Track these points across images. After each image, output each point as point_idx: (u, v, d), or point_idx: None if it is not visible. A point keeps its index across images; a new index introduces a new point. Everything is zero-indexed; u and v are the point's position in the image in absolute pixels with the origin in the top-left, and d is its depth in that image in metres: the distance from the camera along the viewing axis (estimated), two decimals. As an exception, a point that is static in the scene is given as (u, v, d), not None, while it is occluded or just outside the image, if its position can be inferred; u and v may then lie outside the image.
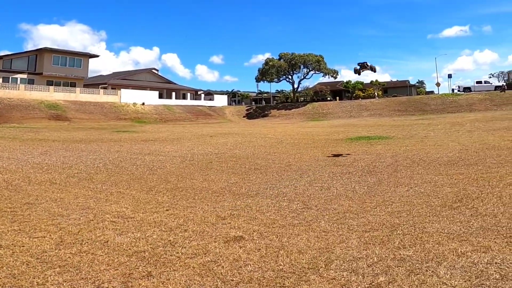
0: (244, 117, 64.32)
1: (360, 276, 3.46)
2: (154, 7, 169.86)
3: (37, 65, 51.21)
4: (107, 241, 4.50)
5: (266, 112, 64.88)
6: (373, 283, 3.32)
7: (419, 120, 33.44)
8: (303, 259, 3.88)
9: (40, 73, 50.68)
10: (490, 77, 73.44)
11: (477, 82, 60.35)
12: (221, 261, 3.87)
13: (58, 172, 9.39)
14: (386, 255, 3.95)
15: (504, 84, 58.40)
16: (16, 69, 49.53)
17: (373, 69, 13.20)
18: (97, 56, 61.10)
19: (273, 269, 3.66)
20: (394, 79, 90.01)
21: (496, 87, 57.38)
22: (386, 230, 4.76)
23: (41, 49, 52.04)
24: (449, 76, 76.41)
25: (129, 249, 4.25)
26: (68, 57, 53.99)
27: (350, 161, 10.93)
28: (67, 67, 53.20)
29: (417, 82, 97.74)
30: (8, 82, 47.05)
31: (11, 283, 3.42)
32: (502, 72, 79.22)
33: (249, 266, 3.74)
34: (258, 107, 71.13)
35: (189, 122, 50.97)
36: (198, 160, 11.76)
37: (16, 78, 48.58)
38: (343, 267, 3.68)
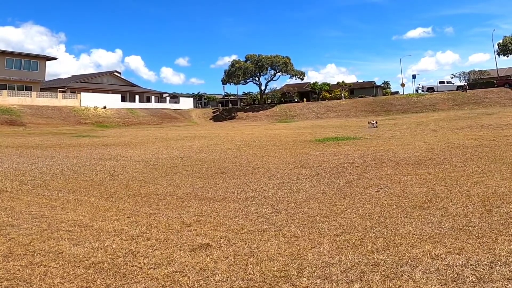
0: (210, 119, 63.84)
1: (334, 284, 3.27)
2: (116, 8, 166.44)
3: (-12, 68, 48.75)
4: (62, 252, 4.17)
5: (233, 115, 64.61)
6: (348, 291, 3.12)
7: (385, 120, 34.08)
8: (274, 267, 3.65)
9: (-8, 77, 48.25)
10: (452, 77, 75.93)
11: (440, 82, 62.32)
12: (187, 271, 3.60)
13: (9, 180, 8.78)
14: (360, 259, 3.77)
15: (466, 84, 60.49)
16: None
17: None
18: (55, 58, 59.03)
19: (242, 278, 3.41)
20: (360, 80, 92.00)
21: (458, 87, 59.42)
22: (358, 233, 4.60)
23: (-7, 51, 49.62)
24: (413, 76, 78.61)
25: (86, 260, 3.94)
26: (23, 59, 51.83)
27: (319, 163, 10.83)
28: (22, 70, 51.01)
29: (383, 83, 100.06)
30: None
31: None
32: (463, 72, 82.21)
33: (217, 275, 3.48)
34: (224, 109, 70.76)
35: (153, 125, 49.99)
36: (163, 164, 11.36)
37: (-36, 82, 46.01)
38: (316, 274, 3.47)
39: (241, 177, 9.01)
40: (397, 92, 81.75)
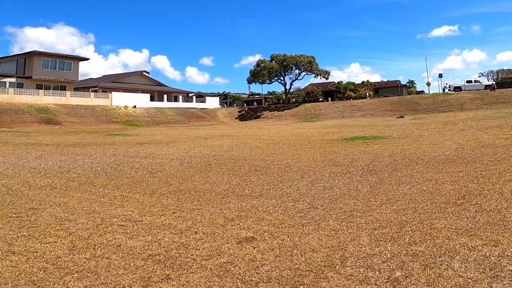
0: (236, 118, 64.29)
1: (377, 272, 3.52)
2: (142, 9, 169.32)
3: (26, 68, 50.66)
4: (120, 245, 4.48)
5: (259, 114, 64.90)
6: (391, 278, 3.38)
7: (412, 120, 33.75)
8: (317, 257, 3.91)
9: (29, 77, 50.12)
10: (480, 76, 74.00)
11: (468, 81, 60.82)
12: (237, 262, 3.88)
13: (57, 177, 9.31)
14: (399, 251, 4.00)
15: (494, 83, 58.95)
16: (5, 73, 48.98)
17: None
18: (87, 59, 60.64)
19: (289, 268, 3.68)
20: (385, 80, 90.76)
21: (486, 86, 57.90)
22: (395, 227, 4.82)
23: (30, 52, 51.50)
24: (440, 75, 76.69)
25: (143, 252, 4.23)
26: (58, 60, 53.54)
27: (349, 161, 11.01)
28: (57, 70, 52.68)
29: (408, 82, 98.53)
30: (-3, 86, 46.50)
31: (32, 291, 3.37)
32: (491, 71, 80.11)
33: (265, 266, 3.76)
34: (250, 108, 71.13)
35: (181, 124, 50.84)
36: (197, 162, 11.75)
37: (5, 82, 47.91)
38: (358, 263, 3.72)
39: (274, 174, 9.28)
40: (422, 92, 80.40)
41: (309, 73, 70.49)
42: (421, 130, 21.28)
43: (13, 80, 48.94)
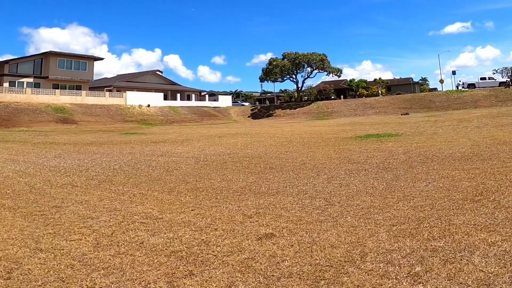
0: (249, 117, 64.45)
1: (397, 267, 3.57)
2: (154, 8, 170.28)
3: (43, 68, 51.57)
4: (142, 242, 4.57)
5: (271, 112, 64.94)
6: (411, 273, 3.43)
7: (425, 117, 33.48)
8: (337, 253, 3.98)
9: (46, 77, 51.07)
10: (494, 73, 72.86)
11: (481, 78, 60.00)
12: (258, 258, 3.96)
13: (76, 175, 9.51)
14: (418, 246, 4.05)
15: (509, 80, 57.90)
16: (22, 73, 49.91)
17: None
18: (102, 58, 61.28)
19: (310, 263, 3.75)
20: (397, 77, 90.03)
21: (501, 83, 57.02)
22: (413, 223, 4.86)
23: (46, 52, 52.41)
24: (453, 72, 75.60)
25: (165, 249, 4.32)
26: (73, 60, 54.37)
27: (364, 158, 11.02)
28: (73, 70, 53.54)
29: (421, 79, 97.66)
30: (15, 86, 47.49)
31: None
32: (505, 68, 78.82)
33: (286, 261, 3.83)
34: (262, 107, 71.21)
35: (195, 123, 51.16)
36: (212, 160, 11.87)
37: (23, 82, 48.96)
38: (378, 259, 3.78)
39: (290, 172, 9.35)
40: (435, 89, 79.59)
41: (321, 71, 70.37)
42: (435, 128, 21.14)
43: (31, 80, 49.91)
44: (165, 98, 62.14)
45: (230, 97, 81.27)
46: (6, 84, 46.88)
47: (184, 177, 9.10)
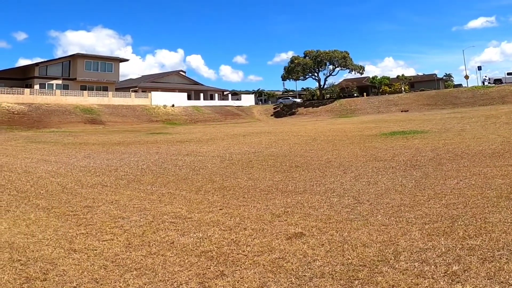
0: (271, 115, 64.40)
1: (433, 266, 3.51)
2: (176, 10, 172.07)
3: (71, 70, 53.03)
4: (173, 242, 4.60)
5: (294, 110, 64.71)
6: (448, 272, 3.37)
7: (451, 114, 32.79)
8: (370, 252, 3.93)
9: (74, 79, 52.50)
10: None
11: (508, 74, 58.09)
12: (289, 258, 3.94)
13: (106, 175, 9.69)
14: (453, 245, 3.97)
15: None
16: (52, 75, 51.48)
17: None
18: (127, 60, 62.50)
19: (342, 263, 3.72)
20: (420, 73, 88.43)
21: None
22: (446, 221, 4.77)
23: (73, 55, 53.81)
24: (479, 68, 73.33)
25: (196, 249, 4.34)
26: (100, 62, 55.62)
27: (390, 156, 10.88)
28: (99, 71, 54.83)
29: (445, 75, 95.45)
30: (45, 88, 49.10)
31: (96, 289, 3.53)
32: (533, 63, 76.15)
33: (317, 261, 3.81)
34: (285, 105, 71.02)
35: (218, 122, 51.46)
36: (237, 159, 11.91)
37: (52, 84, 50.58)
38: (412, 258, 3.72)
39: (316, 170, 9.30)
40: (460, 85, 77.80)
41: (343, 69, 69.68)
42: (462, 124, 20.68)
43: (59, 82, 51.48)
44: (189, 98, 62.74)
45: (253, 96, 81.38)
46: (36, 86, 48.55)
47: (211, 176, 9.16)
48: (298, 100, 72.56)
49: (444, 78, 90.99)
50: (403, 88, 69.15)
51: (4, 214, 6.12)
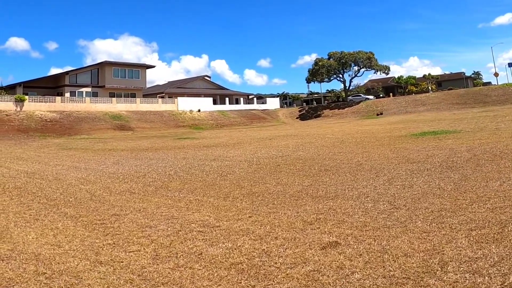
0: (297, 118, 63.95)
1: (487, 277, 3.21)
2: (200, 16, 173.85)
3: (99, 78, 54.29)
4: (201, 253, 4.39)
5: (319, 113, 64.09)
6: (505, 284, 3.07)
7: (483, 113, 31.73)
8: (413, 263, 3.64)
9: (102, 86, 53.72)
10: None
11: (540, 70, 55.99)
12: (325, 270, 3.68)
13: (134, 182, 9.66)
14: (507, 253, 3.65)
15: None
16: (81, 83, 52.89)
17: None
18: (153, 66, 63.43)
19: (383, 275, 3.45)
20: (447, 72, 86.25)
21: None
22: (495, 227, 4.43)
23: (102, 62, 55.08)
24: (509, 65, 70.47)
25: (225, 261, 4.12)
26: (127, 69, 56.73)
27: (424, 157, 10.47)
28: (127, 78, 55.94)
29: (473, 74, 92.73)
30: (75, 96, 50.48)
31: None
32: None
33: (356, 273, 3.55)
34: (310, 107, 70.48)
35: (244, 126, 51.43)
36: (265, 163, 11.70)
37: (82, 92, 51.98)
38: (462, 268, 3.42)
39: (347, 174, 9.00)
40: (489, 83, 75.53)
41: (368, 69, 68.77)
42: (496, 123, 19.91)
43: (89, 89, 52.85)
44: (214, 102, 63.10)
45: (278, 99, 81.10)
46: (67, 94, 49.97)
47: (239, 181, 8.98)
48: (371, 97, 69.30)
49: (472, 76, 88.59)
50: (430, 88, 67.53)
51: (33, 223, 6.10)
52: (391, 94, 70.06)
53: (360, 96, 69.55)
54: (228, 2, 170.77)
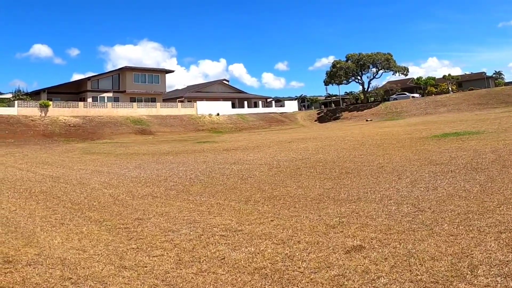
0: (315, 121, 63.65)
1: (521, 282, 3.11)
2: (217, 20, 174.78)
3: (120, 83, 55.20)
4: (224, 258, 4.38)
5: (338, 115, 63.64)
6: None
7: (506, 113, 31.04)
8: (441, 267, 3.57)
9: (123, 91, 54.60)
10: None
11: None
12: (350, 275, 3.64)
13: (156, 186, 9.75)
14: (540, 257, 3.53)
15: None
16: (103, 89, 53.84)
17: None
18: (173, 71, 64.16)
19: (410, 279, 3.39)
20: (468, 72, 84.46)
21: None
22: (526, 230, 4.29)
23: (122, 68, 55.94)
24: (533, 64, 69.07)
25: (248, 265, 4.10)
26: (147, 74, 57.56)
27: (447, 159, 10.27)
28: (147, 83, 56.75)
29: (494, 73, 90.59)
30: (97, 101, 51.53)
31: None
32: None
33: (382, 278, 3.49)
34: (329, 110, 70.05)
35: (263, 129, 51.46)
36: (285, 166, 11.67)
37: (104, 97, 52.94)
38: (493, 272, 3.34)
39: (368, 176, 8.90)
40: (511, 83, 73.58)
41: (386, 71, 67.90)
42: (523, 123, 19.41)
43: (110, 94, 53.75)
44: (233, 106, 63.36)
45: (296, 102, 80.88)
46: (89, 100, 51.04)
47: (259, 185, 8.98)
48: (417, 95, 66.87)
49: (493, 76, 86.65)
50: (450, 88, 66.32)
51: (58, 227, 6.20)
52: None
53: (405, 94, 67.44)
54: (245, 6, 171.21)
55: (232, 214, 6.41)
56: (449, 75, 72.48)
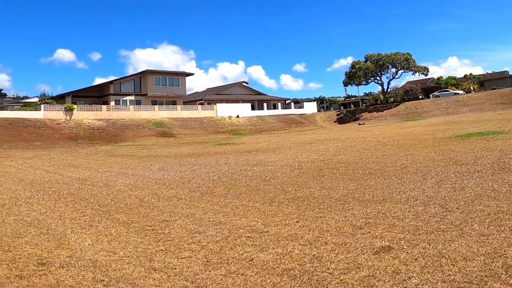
0: (335, 122, 63.27)
1: (559, 281, 3.06)
2: (235, 23, 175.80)
3: (142, 86, 56.11)
4: (252, 259, 4.39)
5: (357, 116, 63.09)
6: None
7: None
8: (474, 267, 3.54)
9: (145, 94, 55.51)
10: None
11: None
12: (380, 275, 3.62)
13: (180, 187, 9.87)
14: None
15: None
16: (125, 92, 54.84)
17: None
18: (192, 74, 64.88)
19: (443, 280, 3.36)
20: (489, 71, 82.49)
21: None
22: (561, 230, 4.21)
23: (144, 71, 56.83)
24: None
25: (277, 267, 4.10)
26: (168, 77, 58.37)
27: (472, 159, 10.11)
28: (168, 86, 57.58)
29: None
30: (120, 104, 52.50)
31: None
32: None
33: (413, 278, 3.48)
34: (348, 111, 69.53)
35: (282, 131, 51.44)
36: (307, 168, 11.66)
37: (126, 100, 53.94)
38: (528, 272, 3.28)
39: (392, 177, 8.83)
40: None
41: (406, 71, 67.04)
42: (549, 122, 18.90)
43: (132, 98, 54.79)
44: (252, 108, 63.60)
45: (315, 103, 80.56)
46: (112, 103, 52.01)
47: (282, 186, 8.99)
48: (460, 92, 63.35)
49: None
50: (471, 88, 64.91)
51: (88, 229, 6.34)
52: (430, 95, 67.91)
53: (448, 91, 64.77)
54: (262, 8, 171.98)
55: (257, 216, 6.44)
56: (470, 74, 71.07)
